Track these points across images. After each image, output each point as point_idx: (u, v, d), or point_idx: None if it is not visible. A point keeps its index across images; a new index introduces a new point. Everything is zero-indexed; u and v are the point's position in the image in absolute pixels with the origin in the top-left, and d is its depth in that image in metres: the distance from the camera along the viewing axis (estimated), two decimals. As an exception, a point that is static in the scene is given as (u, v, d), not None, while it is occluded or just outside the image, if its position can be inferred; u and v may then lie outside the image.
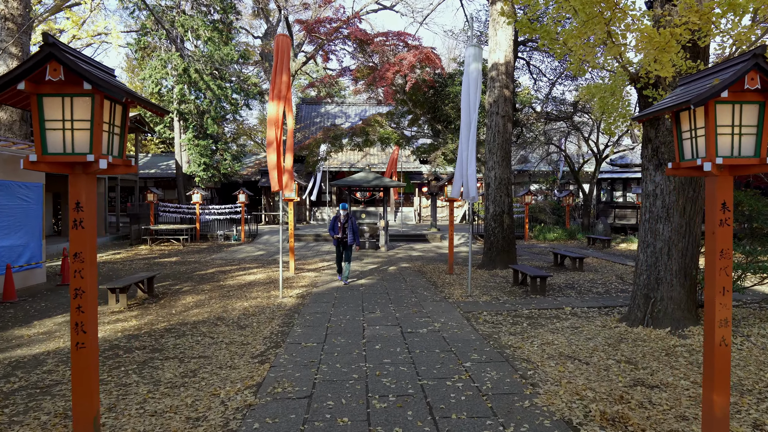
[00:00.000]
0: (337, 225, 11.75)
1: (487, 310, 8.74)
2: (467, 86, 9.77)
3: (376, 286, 11.45)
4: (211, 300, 9.89)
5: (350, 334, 7.17)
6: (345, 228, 11.63)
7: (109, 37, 24.81)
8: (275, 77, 9.35)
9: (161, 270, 14.14)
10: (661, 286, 7.30)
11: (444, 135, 18.11)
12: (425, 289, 10.94)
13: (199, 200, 23.52)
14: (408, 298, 10.00)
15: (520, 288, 11.20)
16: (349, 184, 19.18)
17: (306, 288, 11.18)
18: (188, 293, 10.67)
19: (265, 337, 7.09)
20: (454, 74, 17.94)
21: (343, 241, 11.66)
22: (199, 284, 11.84)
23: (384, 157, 33.10)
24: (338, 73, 19.40)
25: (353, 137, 19.90)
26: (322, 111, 37.53)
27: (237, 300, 9.85)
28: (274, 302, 9.60)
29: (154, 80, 24.18)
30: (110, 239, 22.70)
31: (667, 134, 7.30)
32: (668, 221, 7.31)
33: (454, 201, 13.53)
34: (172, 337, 7.13)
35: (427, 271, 13.95)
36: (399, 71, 15.58)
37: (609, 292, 10.61)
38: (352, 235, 11.59)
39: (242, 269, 14.31)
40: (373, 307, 9.05)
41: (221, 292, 10.68)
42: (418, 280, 12.21)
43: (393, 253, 18.30)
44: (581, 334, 7.07)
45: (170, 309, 9.12)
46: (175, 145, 27.10)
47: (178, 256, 17.69)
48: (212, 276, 13.11)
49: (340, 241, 11.72)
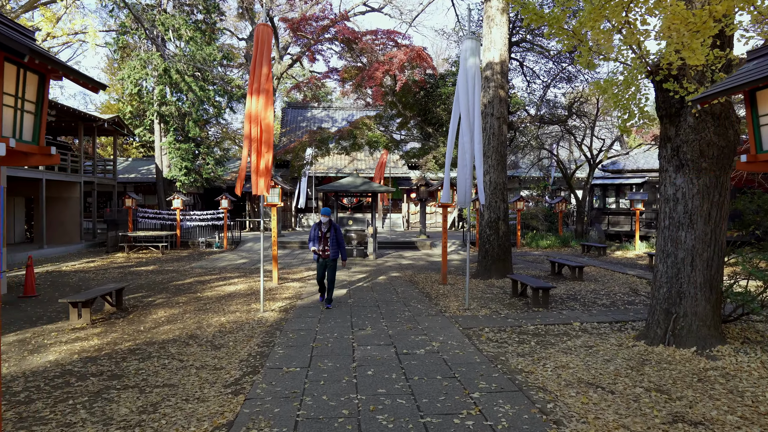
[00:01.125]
0: (317, 235, 9.59)
1: (489, 326, 7.96)
2: (465, 83, 9.03)
3: (366, 298, 10.63)
4: (185, 314, 9.01)
5: (338, 356, 6.35)
6: (327, 239, 9.49)
7: (87, 36, 23.78)
8: (255, 69, 8.54)
9: (135, 280, 13.21)
10: (684, 300, 6.57)
11: (435, 138, 17.39)
12: (419, 302, 10.14)
13: (179, 206, 22.56)
14: (401, 311, 9.19)
15: (519, 300, 10.45)
16: (336, 189, 18.37)
17: (290, 300, 10.33)
18: (161, 306, 9.77)
19: (241, 360, 6.24)
20: (445, 75, 17.23)
21: (325, 255, 9.51)
22: (175, 296, 10.95)
23: (372, 162, 32.35)
24: (325, 74, 18.63)
25: (340, 140, 19.09)
26: (309, 115, 36.72)
27: (214, 314, 8.98)
28: (255, 317, 8.75)
29: (133, 80, 23.20)
30: (86, 246, 21.65)
31: (690, 132, 6.59)
32: (691, 228, 6.59)
33: (448, 206, 12.78)
34: (135, 360, 6.25)
35: (419, 280, 13.16)
36: (389, 70, 14.82)
37: (615, 304, 9.89)
38: (336, 247, 9.53)
39: (222, 279, 13.42)
40: (363, 323, 8.23)
41: (197, 305, 9.80)
42: (411, 291, 11.42)
43: (382, 262, 17.50)
44: (597, 355, 6.31)
45: (139, 325, 8.23)
46: (156, 148, 26.09)
47: (156, 265, 16.74)
48: (189, 286, 12.21)
49: (321, 255, 9.57)
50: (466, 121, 8.96)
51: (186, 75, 23.83)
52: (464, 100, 9.00)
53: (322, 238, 9.54)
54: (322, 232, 9.56)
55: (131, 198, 22.13)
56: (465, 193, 9.12)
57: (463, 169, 9.14)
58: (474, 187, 15.14)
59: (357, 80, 16.25)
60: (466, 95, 8.99)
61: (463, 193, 9.10)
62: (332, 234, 9.54)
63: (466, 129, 8.94)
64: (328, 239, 9.50)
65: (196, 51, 23.43)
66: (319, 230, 9.60)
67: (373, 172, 29.13)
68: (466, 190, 9.06)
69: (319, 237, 9.56)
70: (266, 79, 8.79)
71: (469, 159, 8.97)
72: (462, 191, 9.12)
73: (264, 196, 12.99)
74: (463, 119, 8.99)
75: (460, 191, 9.18)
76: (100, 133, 24.90)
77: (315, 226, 9.65)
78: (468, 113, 8.97)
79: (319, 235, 9.57)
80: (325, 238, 9.52)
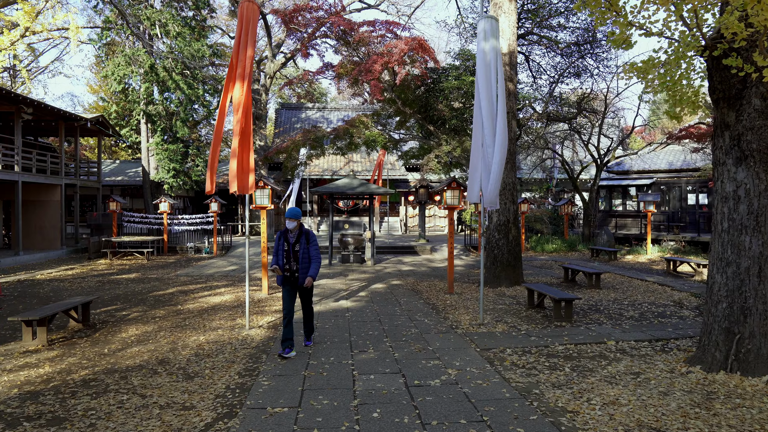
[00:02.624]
0: (281, 247, 6.65)
1: (511, 347, 6.84)
2: (485, 70, 7.91)
3: (366, 310, 9.51)
4: (160, 332, 7.87)
5: (336, 390, 5.22)
6: (297, 252, 6.58)
7: (68, 32, 22.60)
8: (238, 52, 7.43)
9: (112, 290, 12.05)
10: (750, 318, 5.48)
11: (437, 136, 16.31)
12: (425, 315, 9.02)
13: (166, 209, 21.40)
14: (406, 327, 8.07)
15: (537, 312, 9.36)
16: (331, 191, 17.26)
17: (279, 314, 9.18)
18: (134, 322, 8.63)
19: (217, 395, 5.11)
20: (447, 68, 16.17)
21: (294, 276, 6.59)
22: (152, 309, 9.80)
23: (368, 164, 31.26)
24: (319, 69, 17.52)
25: (336, 140, 17.98)
26: (303, 116, 35.58)
27: (192, 332, 7.84)
28: (239, 335, 7.61)
29: (117, 77, 22.01)
30: (67, 252, 20.44)
31: (756, 117, 5.52)
32: (758, 232, 5.51)
33: (455, 209, 11.70)
34: (87, 396, 5.11)
35: (423, 289, 12.06)
36: (388, 63, 13.74)
37: (645, 317, 8.80)
38: (308, 264, 6.58)
39: (208, 288, 12.28)
40: (364, 343, 7.10)
41: (175, 321, 8.66)
42: (415, 302, 10.30)
43: (381, 268, 16.39)
44: (650, 386, 5.21)
45: (104, 346, 7.09)
46: (142, 149, 24.92)
47: (139, 272, 15.59)
48: (170, 298, 11.07)
49: (289, 278, 6.62)
50: (488, 113, 7.84)
51: (174, 72, 22.68)
52: (484, 89, 7.88)
53: (289, 251, 6.60)
54: (289, 244, 6.62)
55: (116, 201, 20.96)
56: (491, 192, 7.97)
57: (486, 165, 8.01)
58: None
59: (354, 74, 15.13)
60: (486, 84, 7.87)
61: (488, 191, 7.96)
62: (303, 245, 6.61)
63: (488, 121, 7.83)
64: (298, 253, 6.59)
65: (184, 47, 22.27)
66: (284, 240, 6.66)
67: (369, 174, 28.03)
68: (490, 188, 7.94)
69: (285, 250, 6.63)
70: (250, 63, 7.69)
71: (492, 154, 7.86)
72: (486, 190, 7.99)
73: (253, 197, 11.91)
74: (484, 111, 7.87)
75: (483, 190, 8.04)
76: (83, 133, 23.72)
77: (279, 235, 6.70)
78: (490, 104, 7.86)
79: (285, 247, 6.64)
80: (293, 252, 6.59)
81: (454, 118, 15.40)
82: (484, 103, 7.86)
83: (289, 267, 6.61)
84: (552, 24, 16.83)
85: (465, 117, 15.89)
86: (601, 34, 16.65)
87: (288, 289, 6.68)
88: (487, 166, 7.94)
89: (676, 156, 25.92)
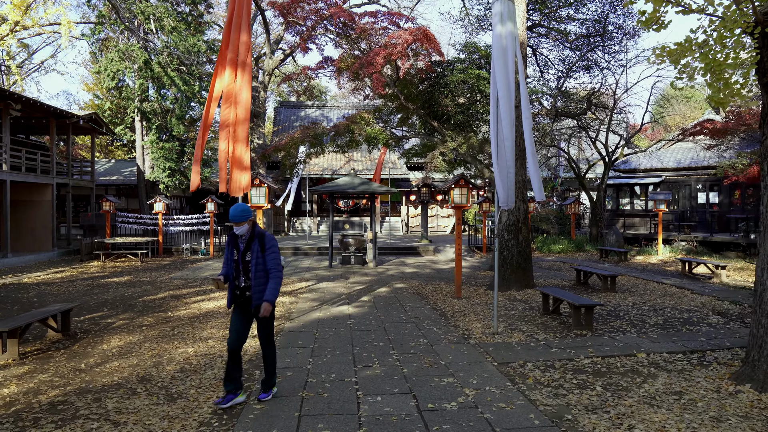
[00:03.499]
0: (230, 256, 4.92)
1: (532, 360, 6.17)
2: (501, 56, 7.23)
3: (369, 317, 8.84)
4: (145, 343, 7.20)
5: (338, 416, 4.55)
6: (248, 263, 4.81)
7: (60, 26, 21.95)
8: (230, 35, 6.75)
9: (101, 295, 11.39)
10: (809, 330, 4.83)
11: (441, 133, 15.63)
12: (434, 323, 8.35)
13: (161, 209, 20.73)
14: (414, 337, 7.41)
15: (553, 318, 8.70)
16: (331, 189, 16.59)
17: (277, 322, 8.53)
18: (119, 331, 7.97)
19: (202, 423, 4.44)
20: (452, 61, 15.48)
21: (245, 296, 4.85)
22: (140, 316, 9.14)
23: (369, 163, 30.60)
24: (318, 64, 16.84)
25: (336, 137, 17.30)
26: (302, 115, 34.92)
27: (180, 343, 7.17)
28: (231, 347, 6.95)
29: (110, 73, 21.32)
30: (59, 254, 19.77)
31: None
32: (817, 233, 4.85)
33: (463, 208, 11.04)
34: (51, 424, 4.44)
35: (428, 293, 11.40)
36: (391, 55, 13.07)
37: (671, 324, 8.15)
38: (265, 278, 4.81)
39: (201, 293, 11.62)
40: (368, 356, 6.44)
41: (163, 330, 8.00)
42: (421, 308, 9.64)
43: (383, 270, 15.72)
44: (697, 409, 4.55)
45: (81, 360, 6.42)
46: (137, 147, 24.24)
47: (131, 275, 14.92)
48: (161, 303, 10.40)
49: (239, 297, 4.89)
50: (507, 104, 7.17)
51: (169, 68, 22.00)
52: (502, 77, 7.20)
53: (238, 261, 4.84)
54: (239, 251, 4.86)
55: (109, 201, 20.29)
56: (507, 191, 7.30)
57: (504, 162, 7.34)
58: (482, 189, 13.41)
59: (354, 68, 14.44)
60: (504, 71, 7.20)
61: (505, 190, 7.28)
62: (256, 253, 4.81)
63: (506, 113, 7.15)
64: (249, 264, 4.81)
65: (180, 42, 21.58)
66: (233, 248, 4.91)
67: (370, 173, 27.36)
68: (509, 187, 7.27)
69: (234, 260, 4.88)
70: (246, 50, 7.03)
71: (510, 150, 7.19)
72: (504, 189, 7.30)
73: (248, 196, 11.26)
74: (501, 102, 7.19)
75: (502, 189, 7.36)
76: (76, 131, 23.04)
77: (228, 240, 4.96)
78: (508, 93, 7.18)
79: (234, 257, 4.88)
80: (243, 263, 4.83)
81: (460, 113, 14.71)
82: (502, 92, 7.20)
83: (238, 284, 4.84)
84: (561, 15, 16.16)
85: (471, 113, 15.22)
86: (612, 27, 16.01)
87: (238, 314, 4.91)
88: (504, 162, 7.27)
89: (684, 154, 25.25)
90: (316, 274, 14.68)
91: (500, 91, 7.19)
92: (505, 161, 7.34)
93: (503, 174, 7.34)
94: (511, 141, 7.25)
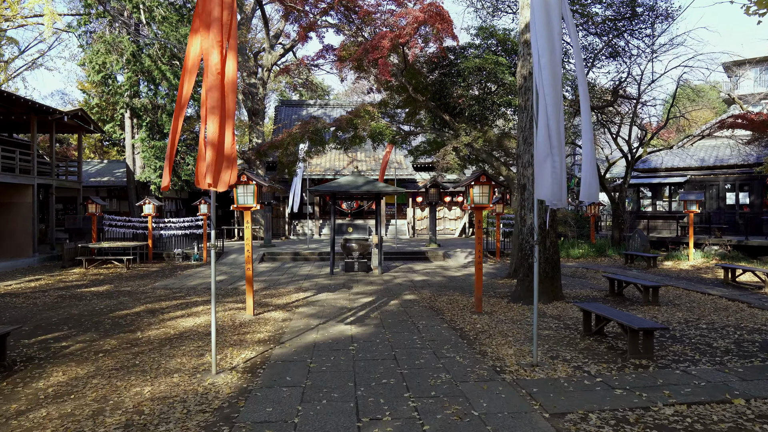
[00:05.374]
0: None
1: (594, 410, 4.65)
2: (545, 18, 5.70)
3: (375, 341, 7.33)
4: (94, 378, 5.71)
5: None
6: None
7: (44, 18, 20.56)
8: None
9: (70, 308, 9.93)
10: None
11: (453, 127, 14.15)
12: (455, 348, 6.84)
13: (151, 212, 19.28)
14: (433, 370, 5.90)
15: (597, 341, 7.18)
16: (333, 189, 15.11)
17: (264, 346, 7.03)
18: (69, 359, 6.48)
19: None
20: (466, 47, 13.98)
21: None
22: (103, 337, 7.67)
23: (374, 163, 29.12)
24: (318, 53, 15.42)
25: (338, 132, 15.82)
26: (304, 113, 33.47)
27: (138, 378, 5.68)
28: (200, 384, 5.45)
29: (95, 66, 19.90)
30: (39, 260, 18.34)
31: None
32: None
33: (483, 209, 9.52)
34: None
35: (443, 306, 9.91)
36: (399, 37, 11.60)
37: (746, 349, 6.63)
38: None
39: (183, 306, 10.14)
40: (376, 402, 4.92)
41: (123, 358, 6.51)
42: (437, 327, 8.14)
43: (389, 278, 14.22)
44: None
45: (2, 405, 4.94)
46: (126, 146, 22.80)
47: (112, 284, 13.48)
48: (133, 320, 8.93)
49: None
50: (551, 77, 5.63)
51: (160, 61, 20.58)
52: (546, 45, 5.66)
53: None
54: None
55: (95, 203, 18.84)
56: (559, 183, 5.75)
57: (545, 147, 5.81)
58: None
59: (358, 54, 12.97)
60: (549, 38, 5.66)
61: (557, 183, 5.74)
62: None
63: (551, 90, 5.62)
64: None
65: (171, 33, 20.16)
66: None
67: (375, 174, 25.85)
68: (559, 178, 5.73)
69: None
70: (230, 13, 5.56)
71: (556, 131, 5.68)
72: (552, 181, 5.76)
73: (234, 195, 9.78)
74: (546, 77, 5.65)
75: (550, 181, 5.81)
76: (61, 129, 21.64)
77: None
78: (553, 66, 5.66)
79: None
80: None
81: (475, 104, 13.20)
82: (545, 60, 5.66)
83: None
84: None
85: (487, 104, 13.72)
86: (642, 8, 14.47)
87: None
88: (545, 147, 5.75)
89: (708, 152, 23.66)
90: (315, 283, 13.21)
91: (544, 59, 5.67)
92: (549, 146, 5.81)
93: (550, 166, 5.81)
94: (557, 120, 5.74)
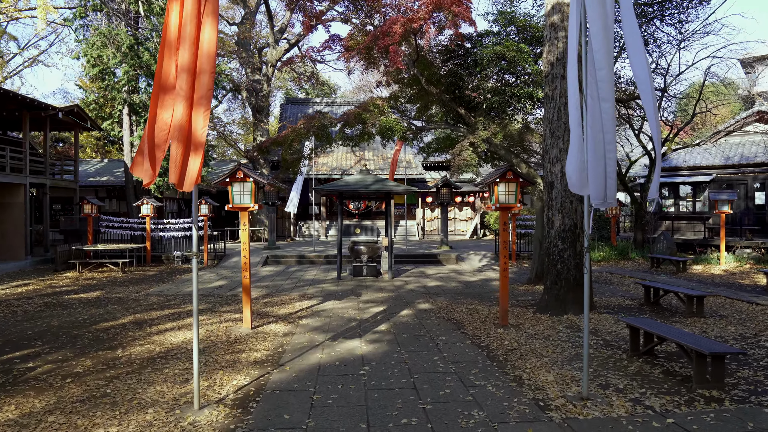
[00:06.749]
0: None
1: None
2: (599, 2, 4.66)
3: (389, 362, 6.30)
4: (51, 415, 4.71)
5: None
6: None
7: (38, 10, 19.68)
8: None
9: (50, 318, 8.96)
10: None
11: (469, 122, 13.12)
12: (484, 373, 5.80)
13: (149, 212, 18.35)
14: (462, 405, 4.86)
15: (650, 364, 6.12)
16: (341, 188, 14.10)
17: (260, 369, 6.01)
18: (28, 387, 5.49)
19: None
20: (483, 34, 12.94)
21: None
22: (78, 356, 6.69)
23: (383, 162, 28.11)
24: (324, 43, 14.46)
25: (345, 128, 14.83)
26: (310, 111, 32.51)
27: (105, 415, 4.68)
28: (178, 424, 4.44)
29: (90, 59, 18.98)
30: (32, 263, 17.45)
31: None
32: None
33: (510, 209, 8.49)
34: None
35: (462, 318, 8.88)
36: (412, 22, 10.62)
37: (833, 376, 5.56)
38: None
39: (175, 317, 9.16)
40: (395, 452, 3.92)
41: (94, 384, 5.52)
42: (459, 344, 7.10)
43: (401, 283, 13.19)
44: None
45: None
46: (125, 144, 21.86)
47: (105, 289, 12.54)
48: (116, 333, 7.95)
49: None
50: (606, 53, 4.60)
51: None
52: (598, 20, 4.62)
53: None
54: None
55: (90, 204, 17.94)
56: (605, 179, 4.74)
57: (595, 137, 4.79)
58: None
59: (367, 42, 11.97)
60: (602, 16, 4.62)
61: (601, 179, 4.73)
62: None
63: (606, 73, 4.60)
64: None
65: (171, 25, 19.19)
66: None
67: (384, 173, 24.82)
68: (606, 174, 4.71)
69: None
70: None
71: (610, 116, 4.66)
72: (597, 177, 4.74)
73: (229, 195, 8.77)
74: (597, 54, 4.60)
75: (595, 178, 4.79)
76: (56, 126, 20.76)
77: None
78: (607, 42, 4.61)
79: None
80: None
81: (495, 96, 12.15)
82: (600, 36, 4.63)
83: None
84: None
85: (505, 97, 12.66)
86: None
87: None
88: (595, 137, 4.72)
89: (733, 150, 22.49)
90: (321, 289, 12.21)
91: (598, 34, 4.61)
92: (597, 137, 4.79)
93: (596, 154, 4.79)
94: (611, 103, 4.71)
